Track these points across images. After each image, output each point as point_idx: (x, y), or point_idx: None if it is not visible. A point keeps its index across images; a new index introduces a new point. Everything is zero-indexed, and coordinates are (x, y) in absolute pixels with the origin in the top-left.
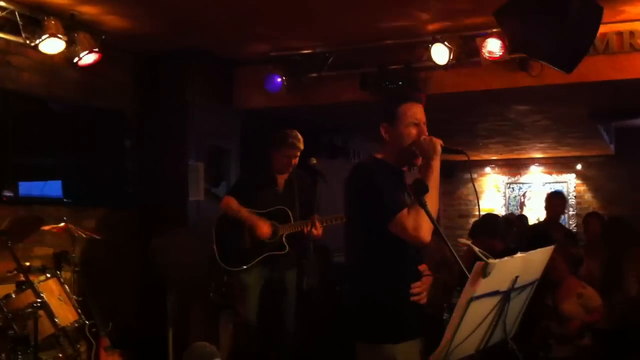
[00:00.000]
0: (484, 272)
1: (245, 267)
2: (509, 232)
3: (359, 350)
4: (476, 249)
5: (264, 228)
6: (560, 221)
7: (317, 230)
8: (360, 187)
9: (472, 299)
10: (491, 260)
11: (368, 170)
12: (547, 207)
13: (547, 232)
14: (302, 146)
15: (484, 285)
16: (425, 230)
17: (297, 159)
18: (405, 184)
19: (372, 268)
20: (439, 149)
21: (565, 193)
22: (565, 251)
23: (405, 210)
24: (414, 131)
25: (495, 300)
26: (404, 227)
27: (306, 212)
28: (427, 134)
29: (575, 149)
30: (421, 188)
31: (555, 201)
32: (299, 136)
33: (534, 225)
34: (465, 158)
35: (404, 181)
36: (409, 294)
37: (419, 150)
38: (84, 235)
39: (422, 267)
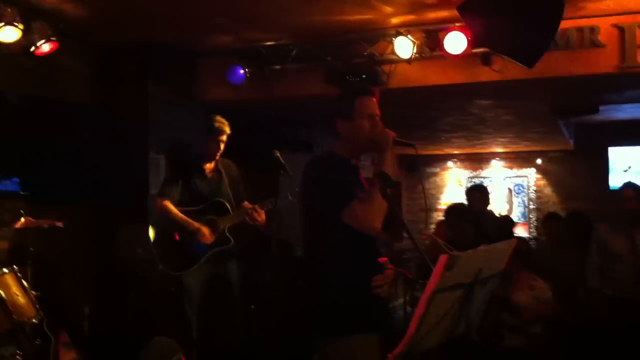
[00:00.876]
0: (449, 265)
1: (191, 269)
2: None
3: (319, 344)
4: (440, 241)
5: (206, 234)
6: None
7: (260, 216)
8: (313, 180)
9: (436, 292)
10: (455, 253)
11: (322, 164)
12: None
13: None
14: (229, 130)
15: (448, 278)
16: (375, 219)
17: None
18: (359, 178)
19: (329, 261)
20: (391, 141)
21: (526, 187)
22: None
23: (355, 202)
24: (367, 124)
25: (459, 293)
26: (355, 215)
27: (238, 201)
28: (380, 125)
29: (535, 144)
30: (385, 179)
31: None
32: (224, 120)
33: None
34: (414, 151)
35: (358, 175)
36: (367, 286)
37: (373, 142)
38: (45, 225)
39: (383, 260)
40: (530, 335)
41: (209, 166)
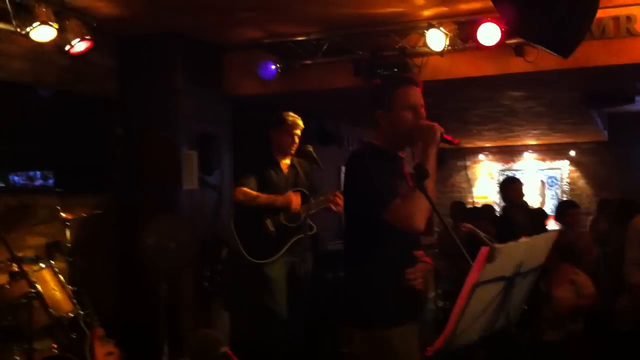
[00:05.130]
0: (490, 257)
1: (274, 257)
2: None
3: (355, 336)
4: (481, 233)
5: (296, 199)
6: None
7: (340, 205)
8: (355, 174)
9: (477, 285)
10: (497, 245)
11: (362, 157)
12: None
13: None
14: (302, 124)
15: (489, 271)
16: (419, 218)
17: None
18: (402, 170)
19: (367, 254)
20: (439, 137)
21: (559, 179)
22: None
23: (398, 199)
24: (410, 115)
25: (499, 286)
26: (398, 214)
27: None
28: (425, 117)
29: (568, 136)
30: (421, 173)
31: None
32: (296, 115)
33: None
34: (457, 146)
35: (401, 167)
36: (400, 278)
37: (419, 135)
38: (84, 215)
39: (419, 253)
40: (570, 331)
41: (285, 162)
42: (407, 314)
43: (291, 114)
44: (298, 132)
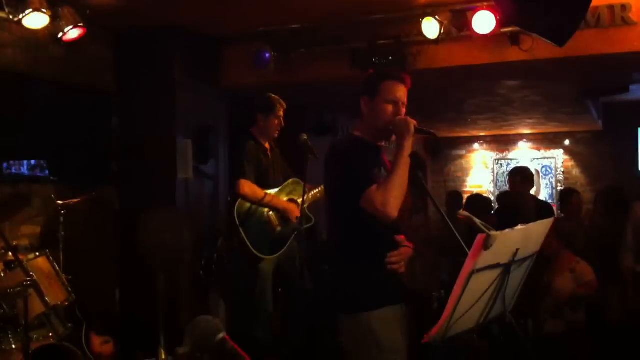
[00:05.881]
0: (486, 245)
1: (279, 253)
2: None
3: (340, 321)
4: (477, 221)
5: (297, 211)
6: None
7: None
8: (334, 163)
9: (473, 272)
10: (493, 233)
11: (343, 147)
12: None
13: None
14: (285, 106)
15: (486, 258)
16: (392, 205)
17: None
18: (381, 159)
19: (348, 240)
20: (412, 129)
21: (553, 169)
22: (556, 226)
23: (374, 186)
24: (390, 108)
25: (496, 273)
26: (372, 202)
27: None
28: (404, 115)
29: (563, 125)
30: (418, 161)
31: (516, 178)
32: (277, 96)
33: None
34: (434, 137)
35: (381, 157)
36: (384, 263)
37: (394, 129)
38: (79, 200)
39: (400, 238)
40: (571, 322)
41: (267, 145)
42: (389, 298)
43: (273, 95)
44: (282, 113)
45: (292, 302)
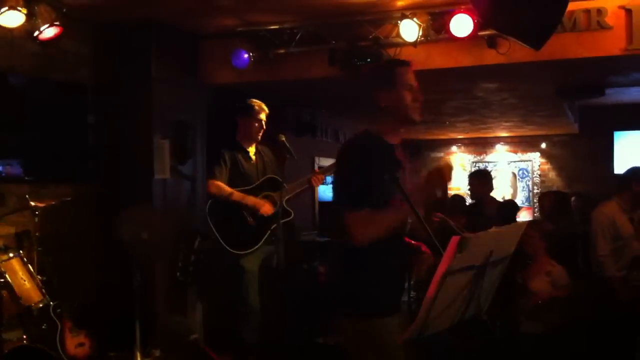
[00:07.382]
0: (460, 247)
1: (254, 249)
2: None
3: (344, 326)
4: (452, 222)
5: (266, 206)
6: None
7: (321, 181)
8: (344, 164)
9: (448, 274)
10: (467, 235)
11: (354, 149)
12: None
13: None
14: (267, 109)
15: (460, 260)
16: (367, 238)
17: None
18: (396, 158)
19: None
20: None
21: (530, 171)
22: (540, 227)
23: (366, 211)
24: (408, 94)
25: (470, 275)
26: (354, 226)
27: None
28: (421, 99)
29: (540, 128)
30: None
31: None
32: (260, 101)
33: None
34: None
35: (395, 155)
36: (391, 269)
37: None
38: (53, 202)
39: (418, 244)
40: (546, 322)
41: (251, 149)
42: (395, 306)
43: (255, 100)
44: (264, 117)
45: (278, 301)
